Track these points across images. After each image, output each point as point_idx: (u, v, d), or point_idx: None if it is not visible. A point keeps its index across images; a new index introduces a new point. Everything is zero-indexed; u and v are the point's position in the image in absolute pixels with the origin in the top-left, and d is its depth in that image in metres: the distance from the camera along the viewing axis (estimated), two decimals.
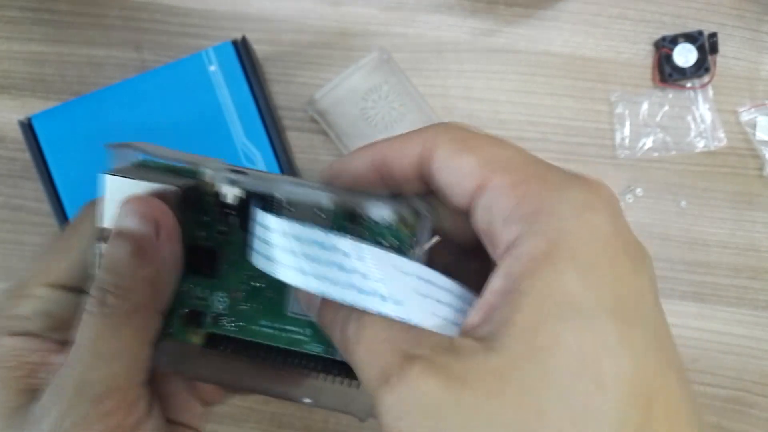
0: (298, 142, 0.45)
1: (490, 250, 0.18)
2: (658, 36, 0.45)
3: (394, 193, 0.21)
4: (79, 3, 0.45)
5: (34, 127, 0.41)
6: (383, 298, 0.18)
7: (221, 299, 0.24)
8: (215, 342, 0.24)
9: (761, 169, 0.45)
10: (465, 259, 0.21)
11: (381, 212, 0.22)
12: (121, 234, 0.20)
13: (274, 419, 0.45)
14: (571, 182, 0.17)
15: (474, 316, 0.16)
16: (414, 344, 0.16)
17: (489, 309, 0.16)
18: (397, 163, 0.20)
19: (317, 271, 0.18)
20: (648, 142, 0.45)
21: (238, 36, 0.42)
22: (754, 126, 0.45)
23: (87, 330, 0.19)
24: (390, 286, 0.18)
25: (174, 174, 0.23)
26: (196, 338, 0.24)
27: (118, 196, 0.21)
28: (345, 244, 0.18)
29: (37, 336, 0.21)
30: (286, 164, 0.42)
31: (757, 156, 0.45)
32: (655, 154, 0.45)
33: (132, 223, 0.20)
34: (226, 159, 0.28)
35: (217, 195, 0.22)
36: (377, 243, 0.22)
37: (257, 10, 0.45)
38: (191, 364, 0.24)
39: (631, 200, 0.45)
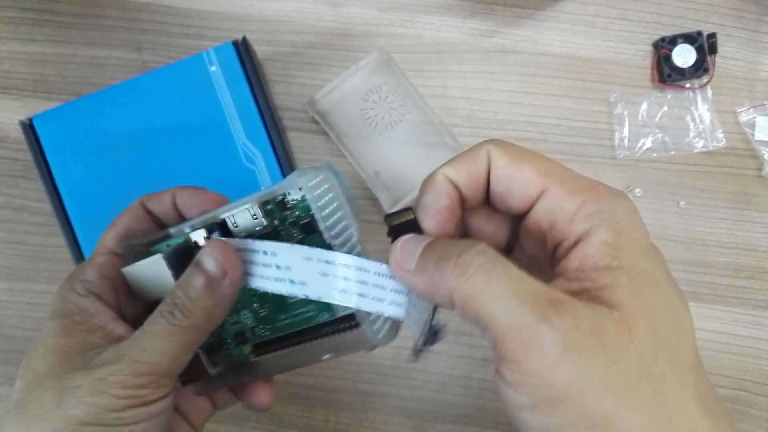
0: (298, 142, 0.45)
1: (548, 239, 0.24)
2: (657, 36, 0.45)
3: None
4: (81, 4, 0.46)
5: (36, 128, 0.42)
6: (292, 281, 0.24)
7: (246, 316, 0.30)
8: (261, 349, 0.30)
9: (760, 169, 0.45)
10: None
11: (293, 192, 0.26)
12: (200, 269, 0.26)
13: (274, 418, 0.45)
14: (615, 192, 0.23)
15: (563, 285, 0.22)
16: (549, 293, 0.21)
17: (578, 279, 0.22)
18: (466, 181, 0.24)
19: (248, 270, 0.25)
20: (647, 143, 0.45)
21: (238, 37, 0.42)
22: (752, 126, 0.45)
23: (154, 326, 0.25)
24: (297, 273, 0.24)
25: (169, 243, 0.30)
26: (249, 352, 0.31)
27: (136, 276, 0.28)
28: (262, 245, 0.24)
29: (98, 298, 0.27)
30: (286, 164, 0.42)
31: (755, 156, 0.45)
32: (654, 155, 0.45)
33: (209, 265, 0.26)
34: (227, 159, 0.37)
35: (196, 245, 0.28)
36: (306, 219, 0.27)
37: (258, 11, 0.46)
38: (254, 373, 0.31)
39: None
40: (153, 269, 0.28)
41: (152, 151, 0.41)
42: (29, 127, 0.42)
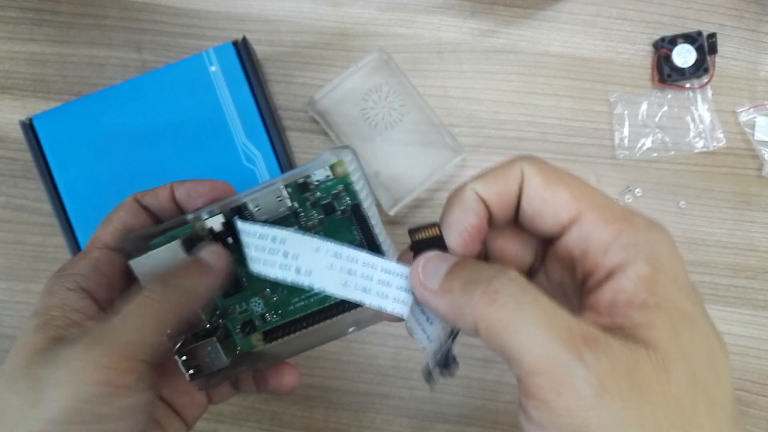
0: (298, 142, 0.45)
1: (579, 268, 0.22)
2: (657, 36, 0.45)
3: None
4: (80, 4, 0.45)
5: (36, 128, 0.42)
6: (298, 270, 0.23)
7: (257, 303, 0.30)
8: (271, 335, 0.30)
9: (760, 169, 0.45)
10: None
11: (318, 173, 0.28)
12: (196, 259, 0.27)
13: (274, 418, 0.45)
14: (652, 224, 0.22)
15: (593, 318, 0.21)
16: (583, 328, 0.19)
17: (610, 314, 0.20)
18: (496, 199, 0.23)
19: (259, 256, 0.24)
20: (647, 143, 0.45)
21: (238, 36, 0.42)
22: (752, 126, 0.45)
23: (125, 304, 0.24)
24: (303, 261, 0.23)
25: (172, 235, 0.29)
26: (257, 341, 0.30)
27: (146, 268, 0.27)
28: (272, 231, 0.24)
29: (87, 294, 0.26)
30: (286, 164, 0.42)
31: (755, 156, 0.45)
32: (654, 155, 0.45)
33: (204, 253, 0.27)
34: (227, 159, 0.37)
35: (210, 231, 0.28)
36: (327, 200, 0.28)
37: (257, 11, 0.46)
38: (263, 360, 0.30)
39: (630, 200, 0.45)
40: (169, 257, 0.27)
41: (152, 151, 0.41)
42: (29, 127, 0.42)
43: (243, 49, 0.42)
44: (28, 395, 0.23)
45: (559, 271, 0.24)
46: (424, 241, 0.24)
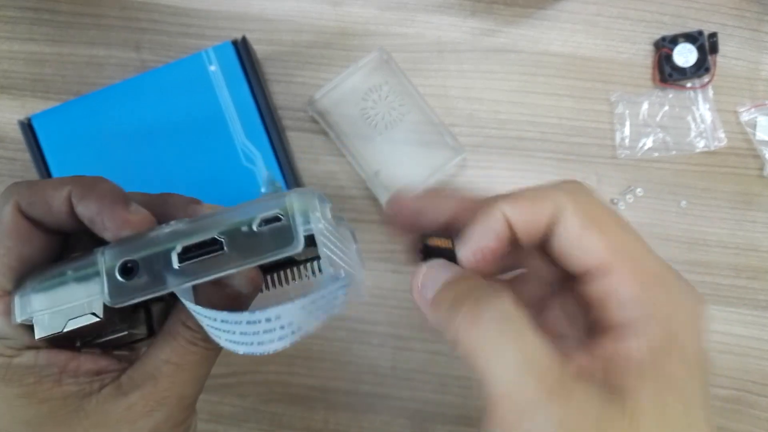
0: (298, 142, 0.45)
1: (593, 312, 0.22)
2: (658, 36, 0.45)
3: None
4: (80, 3, 0.45)
5: (34, 127, 0.42)
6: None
7: None
8: None
9: (761, 169, 0.45)
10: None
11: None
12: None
13: (274, 419, 0.45)
14: (686, 288, 0.21)
15: (586, 361, 0.20)
16: (561, 370, 0.19)
17: (605, 364, 0.20)
18: (524, 226, 0.22)
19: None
20: (648, 142, 0.45)
21: (238, 36, 0.42)
22: (754, 126, 0.45)
23: (189, 356, 0.23)
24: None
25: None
26: None
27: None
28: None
29: (34, 346, 0.22)
30: (286, 164, 0.42)
31: (757, 156, 0.45)
32: (656, 154, 0.45)
33: (241, 283, 0.24)
34: (227, 159, 0.35)
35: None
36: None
37: (257, 10, 0.45)
38: None
39: (631, 200, 0.45)
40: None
41: (151, 151, 0.41)
42: (28, 127, 0.42)
43: (242, 49, 0.41)
44: None
45: (572, 304, 0.24)
46: (437, 249, 0.23)
